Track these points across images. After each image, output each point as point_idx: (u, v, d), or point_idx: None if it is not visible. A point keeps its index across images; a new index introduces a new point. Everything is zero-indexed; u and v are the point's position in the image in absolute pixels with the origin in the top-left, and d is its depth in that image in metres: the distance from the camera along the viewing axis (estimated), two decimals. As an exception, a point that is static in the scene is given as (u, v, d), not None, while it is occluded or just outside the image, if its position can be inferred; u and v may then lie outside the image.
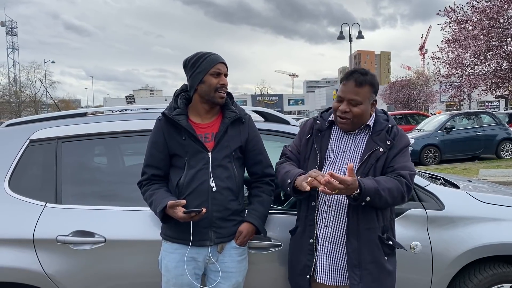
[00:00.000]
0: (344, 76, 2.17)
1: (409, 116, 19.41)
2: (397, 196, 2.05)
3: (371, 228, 2.12)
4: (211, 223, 2.23)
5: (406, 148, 2.20)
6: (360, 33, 27.56)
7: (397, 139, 2.17)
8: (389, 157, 2.14)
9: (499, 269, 2.66)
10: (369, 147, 2.15)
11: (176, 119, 2.24)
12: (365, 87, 2.11)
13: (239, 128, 2.33)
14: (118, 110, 3.16)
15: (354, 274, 2.12)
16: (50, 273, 2.44)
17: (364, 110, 2.12)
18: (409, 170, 2.12)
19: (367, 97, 2.12)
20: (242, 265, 2.32)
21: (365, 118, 2.17)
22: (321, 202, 2.19)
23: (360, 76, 2.11)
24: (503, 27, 13.10)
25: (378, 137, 2.16)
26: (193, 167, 2.24)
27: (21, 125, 2.86)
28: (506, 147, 14.16)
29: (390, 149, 2.14)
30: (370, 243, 2.12)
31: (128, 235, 2.48)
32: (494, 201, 2.78)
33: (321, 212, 2.20)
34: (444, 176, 3.53)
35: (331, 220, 2.18)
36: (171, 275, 2.25)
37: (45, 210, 2.53)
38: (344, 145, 2.22)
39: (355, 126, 2.18)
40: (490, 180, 9.09)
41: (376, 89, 2.17)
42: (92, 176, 2.81)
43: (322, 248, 2.20)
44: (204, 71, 2.24)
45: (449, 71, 15.06)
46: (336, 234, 2.17)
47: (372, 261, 2.12)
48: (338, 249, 2.17)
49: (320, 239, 2.20)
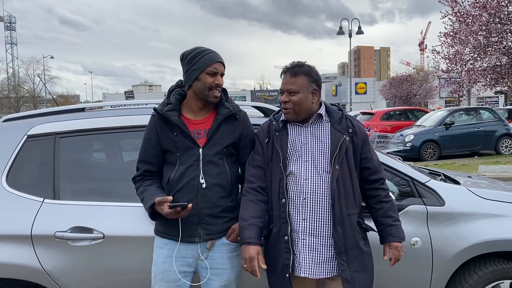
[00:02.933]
0: (282, 71, 2.30)
1: (408, 111, 19.39)
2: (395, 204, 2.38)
3: (351, 214, 2.21)
4: (200, 219, 2.21)
5: (367, 135, 2.36)
6: (359, 28, 27.52)
7: (356, 125, 2.29)
8: (357, 146, 2.26)
9: (500, 265, 2.66)
10: (336, 137, 2.24)
11: (167, 115, 2.23)
12: (300, 76, 2.22)
13: (233, 125, 2.31)
14: (117, 105, 3.14)
15: (341, 260, 2.17)
16: (48, 269, 2.43)
17: (302, 98, 2.21)
18: (379, 163, 2.36)
19: (304, 86, 2.22)
20: (235, 262, 2.30)
21: (307, 106, 2.23)
22: (294, 196, 2.22)
23: (294, 67, 2.25)
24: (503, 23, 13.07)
25: (340, 125, 2.26)
26: (184, 163, 2.23)
27: (18, 120, 2.84)
28: (505, 143, 14.17)
29: (353, 137, 2.26)
30: (352, 229, 2.20)
31: (127, 231, 2.47)
32: (494, 197, 2.78)
33: (295, 207, 2.22)
34: (444, 172, 3.53)
35: (308, 212, 2.20)
36: (158, 270, 2.25)
37: (43, 206, 2.51)
38: (304, 138, 2.27)
39: (298, 115, 2.25)
40: (489, 176, 9.09)
41: (314, 78, 2.26)
42: (90, 172, 2.80)
43: (303, 242, 2.21)
44: (201, 69, 2.22)
45: (449, 66, 15.03)
46: (316, 225, 2.20)
47: (354, 246, 2.20)
48: (320, 240, 2.19)
49: (299, 233, 2.21)
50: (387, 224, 2.29)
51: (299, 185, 2.21)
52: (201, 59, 2.22)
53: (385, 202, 2.31)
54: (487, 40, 13.52)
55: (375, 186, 2.31)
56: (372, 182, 2.31)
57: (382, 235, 2.32)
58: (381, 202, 2.31)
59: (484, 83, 14.73)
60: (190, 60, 2.25)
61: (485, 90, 15.81)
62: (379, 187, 2.31)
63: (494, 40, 13.49)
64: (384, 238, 2.31)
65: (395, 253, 2.28)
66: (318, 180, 2.20)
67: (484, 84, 14.85)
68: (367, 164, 2.29)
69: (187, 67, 2.26)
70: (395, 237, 2.27)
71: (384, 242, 2.31)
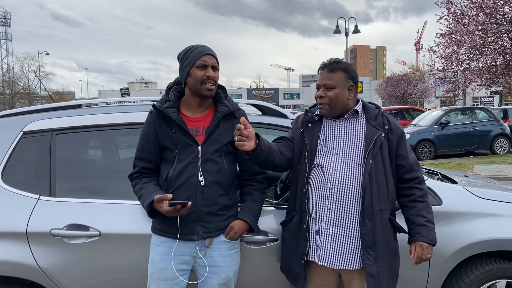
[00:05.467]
0: (320, 67, 2.31)
1: (404, 111, 19.47)
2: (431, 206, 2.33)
3: (382, 209, 2.19)
4: (199, 217, 2.21)
5: (404, 133, 2.33)
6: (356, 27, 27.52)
7: (392, 123, 2.28)
8: (392, 143, 2.25)
9: (496, 264, 2.67)
10: (371, 132, 2.23)
11: (166, 111, 2.22)
12: (338, 72, 2.23)
13: (232, 123, 2.30)
14: (113, 102, 3.12)
15: (368, 254, 2.16)
16: (44, 266, 2.41)
17: (338, 94, 2.22)
18: (416, 162, 2.32)
19: (341, 82, 2.22)
20: (233, 260, 2.30)
21: (342, 102, 2.24)
22: (320, 186, 2.22)
23: (333, 63, 2.26)
24: (499, 23, 13.11)
25: (375, 122, 2.27)
26: (182, 161, 2.22)
27: (14, 117, 2.81)
28: (500, 143, 14.25)
29: (388, 134, 2.25)
30: (382, 224, 2.19)
31: (124, 228, 2.45)
32: (491, 197, 2.78)
33: (321, 197, 2.22)
34: (441, 171, 3.53)
35: (334, 203, 2.19)
36: (155, 267, 2.23)
37: (39, 203, 2.49)
38: (337, 132, 2.28)
39: (334, 110, 2.25)
40: (485, 175, 9.13)
41: (352, 75, 2.26)
42: (87, 169, 2.77)
43: (327, 231, 2.21)
44: (190, 64, 2.21)
45: (445, 66, 15.08)
46: (342, 216, 2.19)
47: (383, 242, 2.19)
48: (345, 232, 2.19)
49: (323, 222, 2.21)
50: (418, 223, 2.23)
51: (327, 175, 2.20)
52: (190, 54, 2.22)
53: (419, 201, 2.26)
54: (483, 40, 13.57)
55: (410, 185, 2.27)
56: (407, 181, 2.28)
57: (411, 233, 2.26)
58: (414, 201, 2.26)
59: (480, 83, 14.79)
60: (182, 58, 2.26)
61: (480, 90, 15.88)
62: (415, 186, 2.27)
63: (490, 40, 13.54)
64: (412, 236, 2.25)
65: (418, 251, 2.20)
66: (348, 172, 2.19)
67: (479, 84, 14.91)
68: (401, 161, 2.27)
69: (180, 65, 2.27)
70: (423, 237, 2.20)
71: (411, 241, 2.25)
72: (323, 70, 2.27)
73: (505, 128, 14.43)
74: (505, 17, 13.13)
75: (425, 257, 2.22)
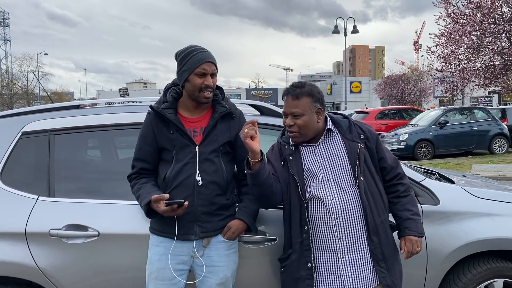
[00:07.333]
0: (283, 93, 2.26)
1: (403, 111, 19.47)
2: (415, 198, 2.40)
3: (383, 220, 2.22)
4: (196, 217, 2.21)
5: (378, 135, 2.34)
6: (355, 27, 27.55)
7: (366, 130, 2.29)
8: (372, 150, 2.26)
9: (493, 264, 2.68)
10: (351, 147, 2.22)
11: (164, 112, 2.22)
12: (303, 98, 2.18)
13: (229, 123, 2.31)
14: (111, 102, 3.13)
15: (380, 267, 2.17)
16: (43, 267, 2.41)
17: (307, 121, 2.18)
18: (394, 159, 2.35)
19: (308, 107, 2.18)
20: (230, 259, 2.31)
21: (313, 127, 2.21)
22: (325, 219, 2.17)
23: (296, 89, 2.20)
24: (497, 23, 13.13)
25: (351, 134, 2.26)
26: (180, 161, 2.23)
27: (13, 117, 2.81)
28: (498, 143, 14.27)
29: (366, 142, 2.26)
30: (386, 235, 2.21)
31: (122, 229, 2.46)
32: (488, 196, 2.79)
33: (328, 229, 2.17)
34: (439, 171, 3.54)
35: (342, 231, 2.16)
36: (153, 267, 2.24)
37: (38, 203, 2.50)
38: (319, 158, 2.24)
39: (306, 136, 2.22)
40: (483, 175, 9.14)
41: (317, 97, 2.21)
42: (85, 169, 2.78)
43: (343, 260, 2.16)
44: (189, 71, 2.20)
45: (443, 66, 15.10)
46: (353, 241, 2.17)
47: (392, 251, 2.22)
48: (360, 255, 2.17)
49: (337, 252, 2.16)
50: (405, 217, 2.26)
51: (328, 206, 2.16)
52: (190, 60, 2.20)
53: (403, 196, 2.29)
54: (481, 40, 13.60)
55: (393, 183, 2.31)
56: (390, 180, 2.31)
57: (400, 228, 2.29)
58: (399, 196, 2.29)
59: (478, 83, 14.82)
60: (180, 60, 2.24)
61: (478, 90, 15.91)
62: (397, 182, 2.30)
63: (488, 40, 13.57)
64: (401, 232, 2.28)
65: (408, 246, 2.23)
66: (346, 197, 2.17)
67: (478, 84, 14.94)
68: (383, 164, 2.29)
69: (178, 68, 2.26)
70: (412, 231, 2.23)
71: (401, 236, 2.28)
72: (287, 96, 2.22)
73: (504, 128, 14.45)
74: (503, 17, 13.16)
75: (415, 251, 2.25)
